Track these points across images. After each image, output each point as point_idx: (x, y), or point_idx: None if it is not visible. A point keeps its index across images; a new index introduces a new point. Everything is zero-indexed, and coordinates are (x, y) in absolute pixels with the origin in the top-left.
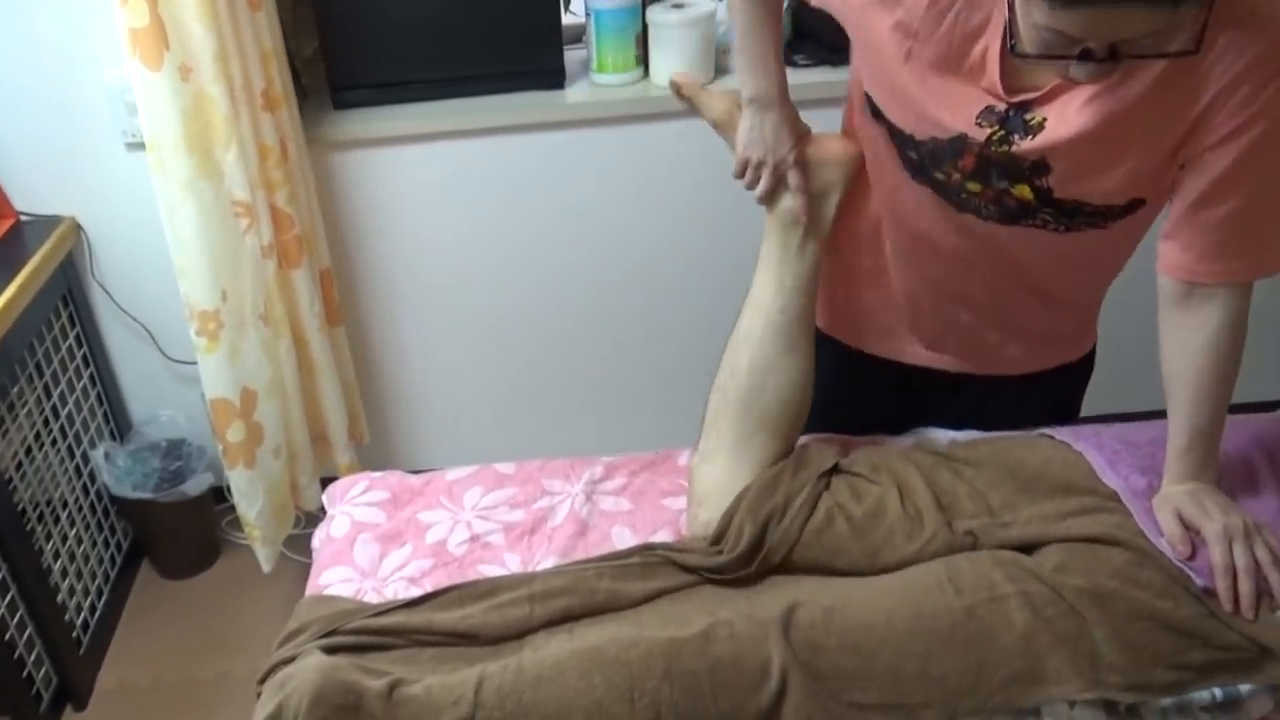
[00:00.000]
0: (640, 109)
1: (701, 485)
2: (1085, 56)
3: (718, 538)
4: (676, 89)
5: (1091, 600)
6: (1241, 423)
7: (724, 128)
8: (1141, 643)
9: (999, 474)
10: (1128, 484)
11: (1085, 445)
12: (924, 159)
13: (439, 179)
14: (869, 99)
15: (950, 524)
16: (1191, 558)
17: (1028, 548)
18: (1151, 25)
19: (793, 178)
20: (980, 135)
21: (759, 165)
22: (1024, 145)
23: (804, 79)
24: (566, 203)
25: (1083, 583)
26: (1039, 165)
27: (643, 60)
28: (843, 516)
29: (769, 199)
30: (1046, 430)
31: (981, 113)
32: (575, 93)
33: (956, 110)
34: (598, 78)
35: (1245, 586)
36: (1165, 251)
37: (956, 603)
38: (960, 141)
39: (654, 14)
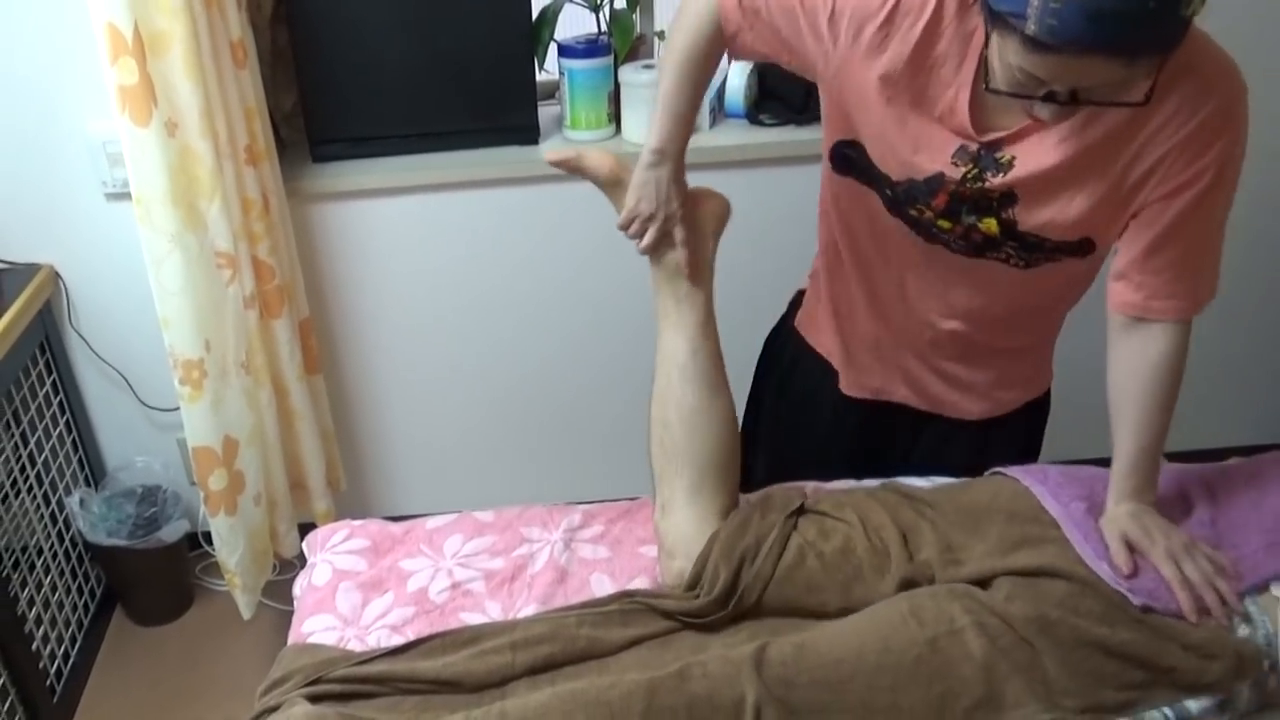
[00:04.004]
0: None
1: (669, 538)
2: (1049, 98)
3: (694, 582)
4: (560, 164)
5: (1038, 629)
6: (1183, 469)
7: (610, 185)
8: (1086, 667)
9: (955, 514)
10: (1068, 510)
11: (1031, 480)
12: (899, 197)
13: (415, 231)
14: (835, 152)
15: (913, 558)
16: (1134, 576)
17: (981, 582)
18: (1110, 76)
19: (679, 233)
20: (956, 174)
21: (648, 219)
22: (995, 181)
23: (769, 138)
24: (539, 255)
25: (1030, 612)
26: (1007, 196)
27: (614, 117)
28: (813, 553)
29: (653, 251)
30: (999, 470)
31: (956, 152)
32: (548, 148)
33: (934, 151)
34: (570, 134)
35: (1210, 596)
36: (1118, 290)
37: (920, 635)
38: (936, 181)
39: (626, 74)
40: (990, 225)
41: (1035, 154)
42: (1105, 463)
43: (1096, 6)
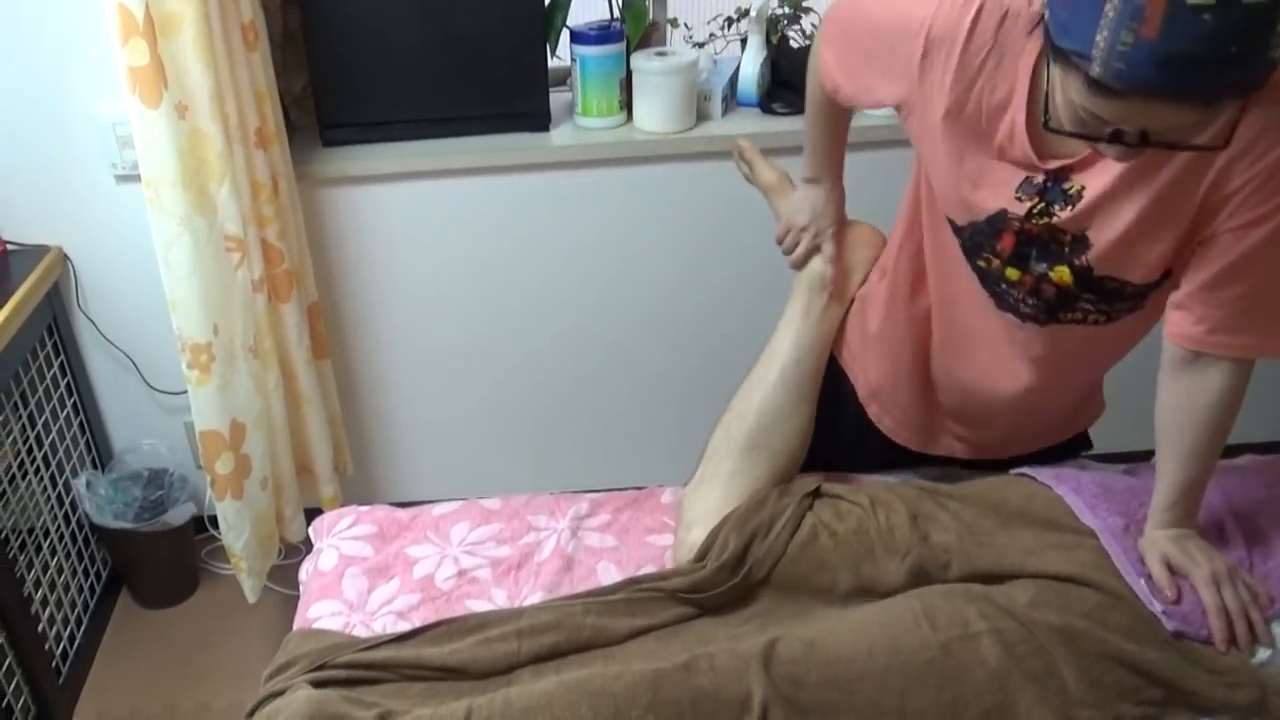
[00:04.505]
0: (623, 152)
1: (692, 511)
2: (1116, 139)
3: (703, 554)
4: (740, 152)
5: (1062, 639)
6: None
7: (772, 193)
8: (1108, 680)
9: (981, 508)
10: (1106, 525)
11: (1065, 489)
12: (965, 244)
13: (425, 217)
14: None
15: (927, 538)
16: (1177, 602)
17: (1000, 576)
18: (1183, 120)
19: (828, 248)
20: (1020, 209)
21: (802, 230)
22: (1064, 215)
23: (782, 127)
24: (549, 242)
25: (1055, 620)
26: (1079, 240)
27: (626, 105)
28: (826, 532)
29: (801, 263)
30: (1026, 471)
31: (1020, 185)
32: (560, 135)
33: (996, 187)
34: (582, 121)
35: (1241, 627)
36: (1176, 320)
37: (933, 638)
38: (1000, 219)
39: (638, 61)
40: (1063, 274)
41: (1106, 183)
42: (1127, 458)
43: (1167, 51)
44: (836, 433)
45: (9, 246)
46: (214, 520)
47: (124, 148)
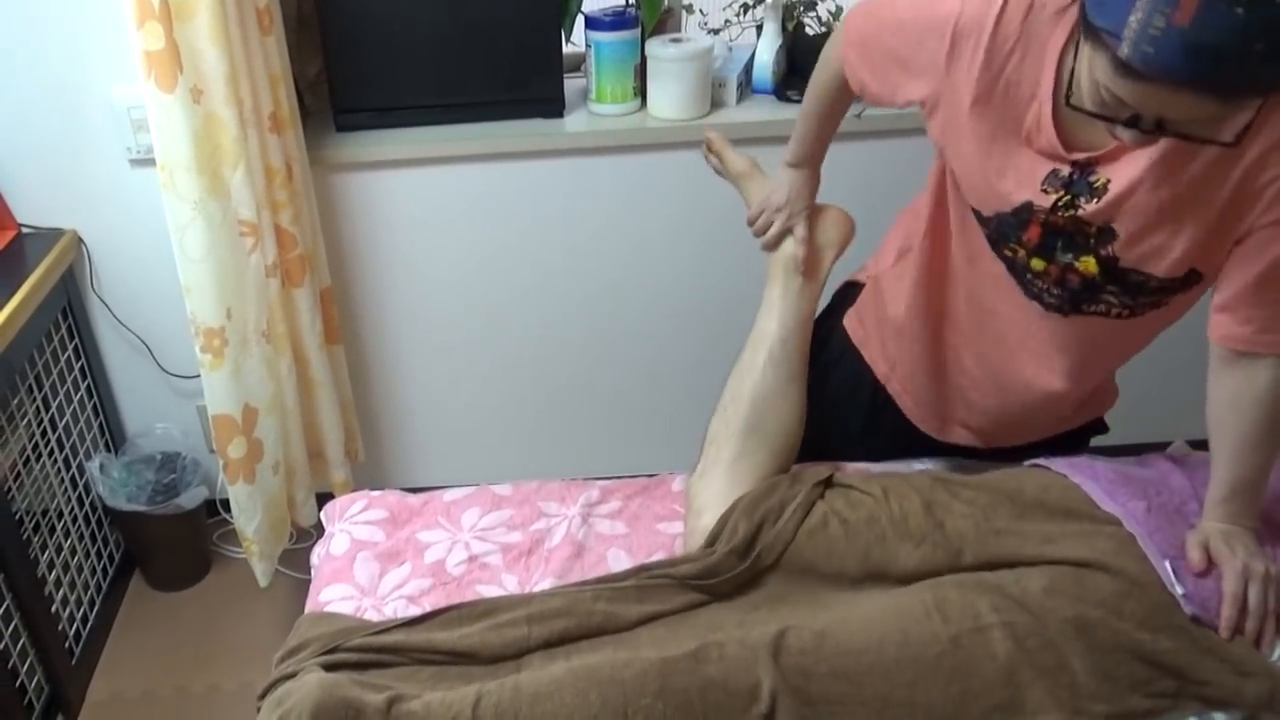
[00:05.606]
0: (637, 139)
1: (700, 498)
2: (1132, 123)
3: (713, 539)
4: (708, 144)
5: (1075, 630)
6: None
7: (744, 180)
8: (1120, 672)
9: (997, 497)
10: (1127, 510)
11: (1082, 478)
12: (992, 235)
13: (438, 202)
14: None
15: (941, 526)
16: (1204, 574)
17: (1016, 564)
18: (1201, 112)
19: (800, 230)
20: (1046, 201)
21: (776, 212)
22: (1090, 208)
23: (795, 114)
24: (562, 229)
25: (1068, 612)
26: (1105, 231)
27: (641, 91)
28: (837, 520)
29: (773, 244)
30: (1040, 461)
31: (1047, 177)
32: (573, 121)
33: (1021, 179)
34: (596, 107)
35: (1252, 625)
36: (1221, 323)
37: (943, 631)
38: (1026, 211)
39: (653, 47)
40: (1089, 264)
41: (1131, 176)
42: (1143, 449)
43: (1198, 40)
44: (848, 414)
45: (24, 230)
46: (226, 504)
47: (139, 131)
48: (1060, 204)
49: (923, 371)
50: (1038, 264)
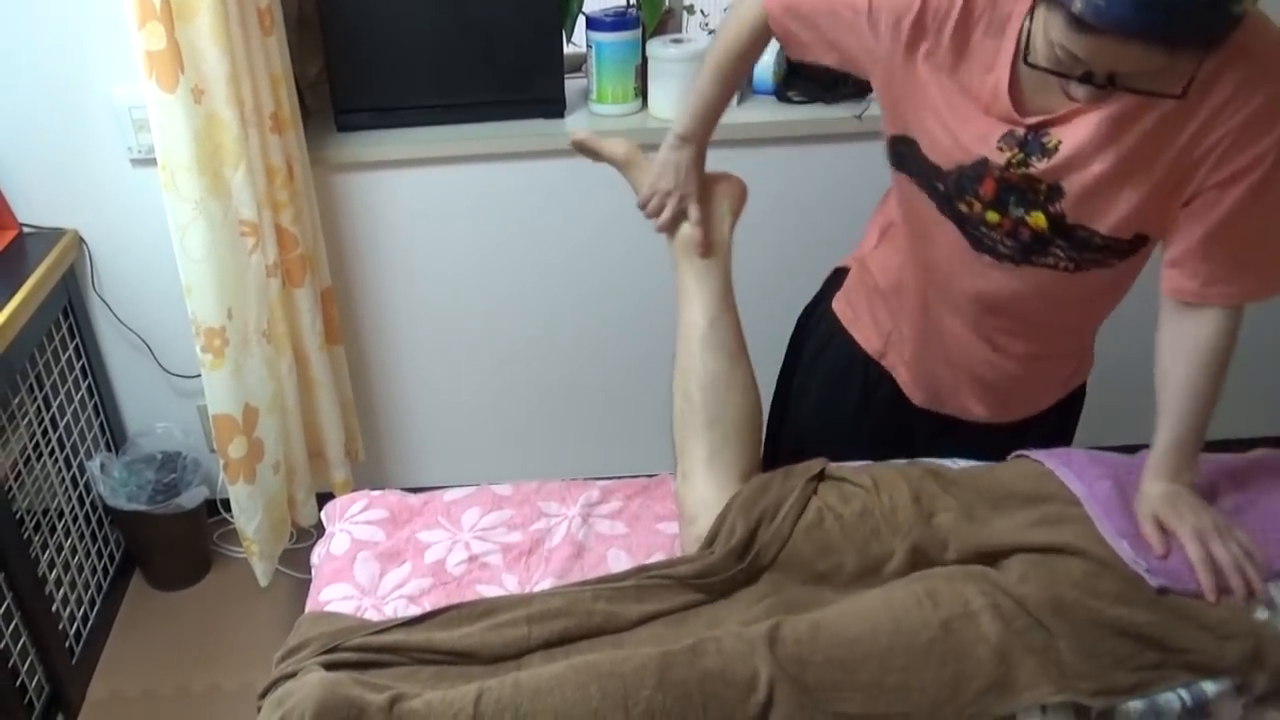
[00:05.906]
0: (638, 139)
1: (689, 506)
2: (1085, 79)
3: (710, 540)
4: (579, 147)
5: (1052, 611)
6: (1209, 459)
7: (628, 167)
8: (1101, 649)
9: (978, 491)
10: (1091, 489)
11: (1055, 462)
12: (949, 190)
13: (439, 203)
14: (891, 148)
15: (928, 519)
16: (1165, 556)
17: (994, 554)
18: (1150, 64)
19: (694, 211)
20: (1000, 159)
21: (666, 195)
22: (1041, 166)
23: (797, 116)
24: (562, 229)
25: (1043, 594)
26: (1054, 189)
27: (641, 92)
28: (832, 516)
29: (669, 226)
30: (1024, 452)
31: (1002, 137)
32: (574, 122)
33: (980, 136)
34: (597, 108)
35: (1236, 580)
36: (1171, 276)
37: (934, 617)
38: (982, 166)
39: (654, 47)
40: (1038, 219)
41: (1081, 138)
42: (1133, 449)
43: None
44: (841, 395)
45: (25, 229)
46: (226, 504)
47: (140, 131)
48: (1014, 162)
49: (914, 339)
50: (992, 216)
